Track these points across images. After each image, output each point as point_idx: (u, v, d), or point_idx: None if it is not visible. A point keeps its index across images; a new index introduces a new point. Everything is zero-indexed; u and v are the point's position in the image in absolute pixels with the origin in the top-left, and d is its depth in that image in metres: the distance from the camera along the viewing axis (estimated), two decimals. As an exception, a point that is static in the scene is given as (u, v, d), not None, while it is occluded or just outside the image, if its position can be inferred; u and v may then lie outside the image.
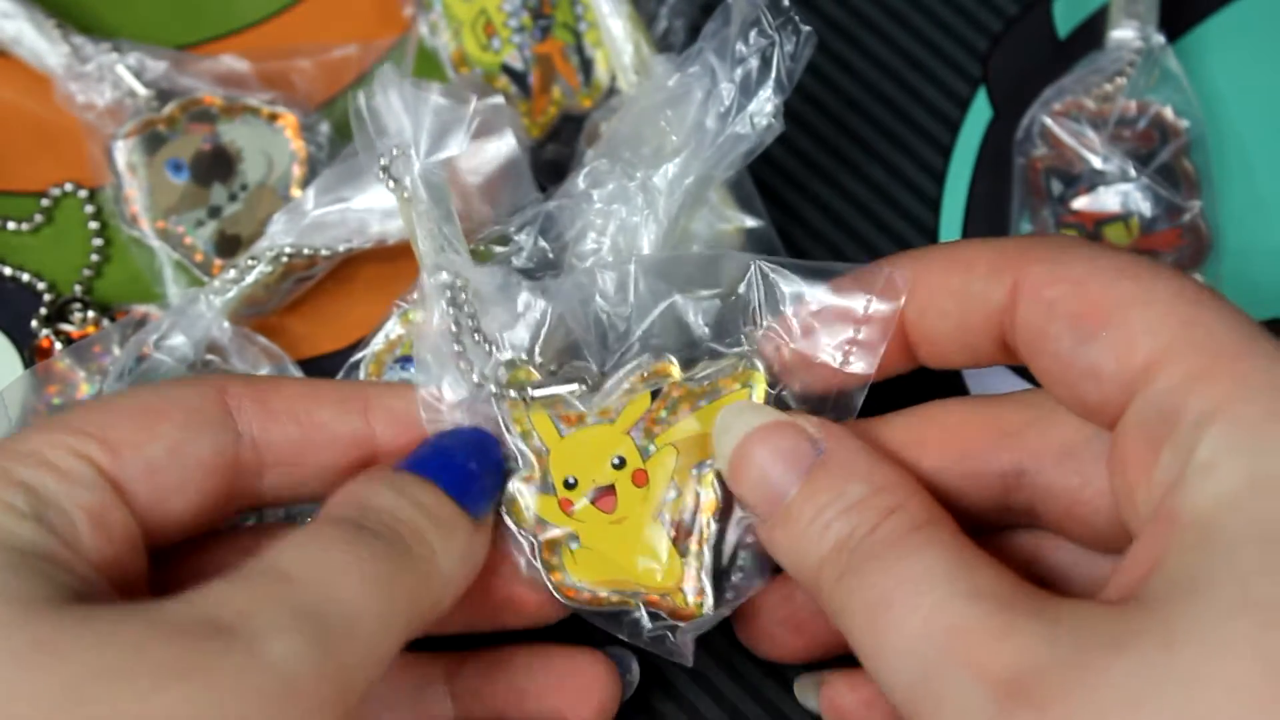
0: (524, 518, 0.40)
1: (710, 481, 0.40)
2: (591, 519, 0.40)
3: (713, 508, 0.40)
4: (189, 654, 0.29)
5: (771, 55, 0.41)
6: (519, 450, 0.40)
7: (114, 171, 0.48)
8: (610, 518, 0.40)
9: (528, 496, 0.40)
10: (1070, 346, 0.34)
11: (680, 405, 0.40)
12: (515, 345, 0.40)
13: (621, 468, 0.40)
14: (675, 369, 0.40)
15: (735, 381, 0.40)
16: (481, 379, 0.40)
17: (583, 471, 0.40)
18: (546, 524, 0.40)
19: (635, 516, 0.40)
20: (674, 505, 0.40)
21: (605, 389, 0.40)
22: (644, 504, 0.40)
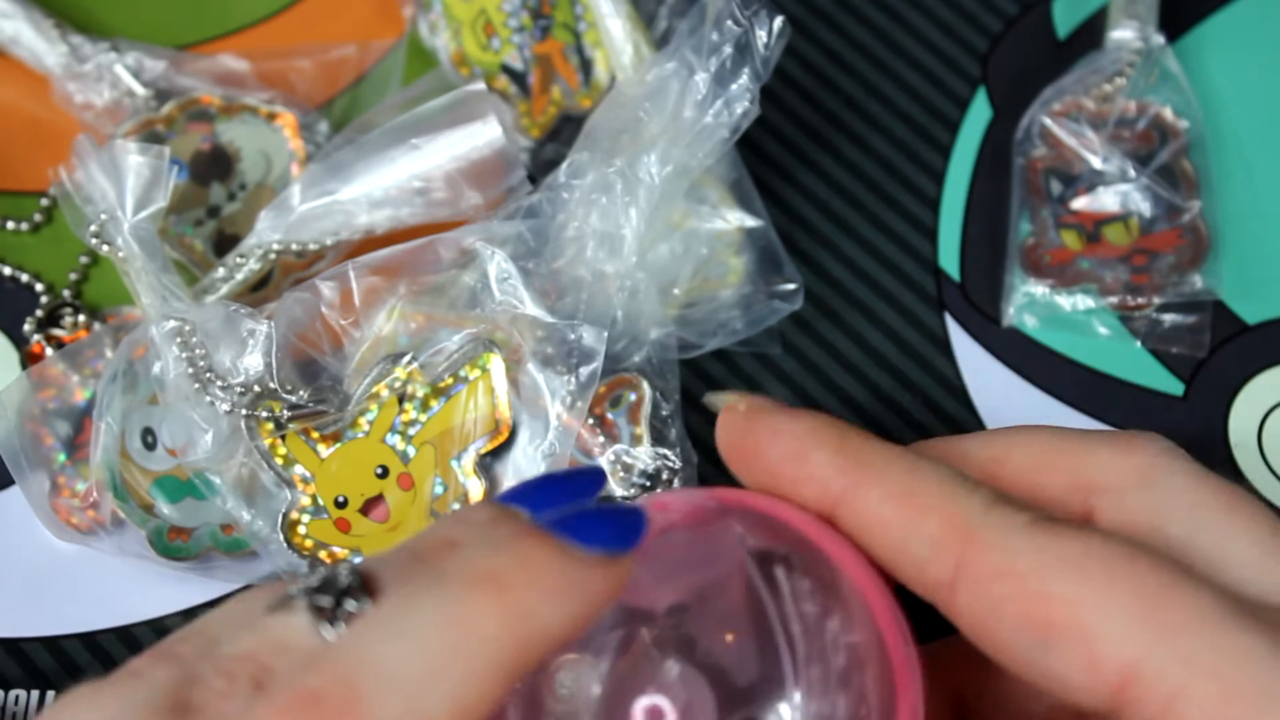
0: (306, 545, 0.41)
1: (473, 469, 0.41)
2: (369, 531, 0.42)
3: (483, 494, 0.41)
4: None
5: (745, 43, 0.41)
6: (284, 479, 0.42)
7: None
8: (385, 526, 0.42)
9: (305, 524, 0.42)
10: (1026, 652, 0.31)
11: (429, 401, 0.42)
12: (252, 373, 0.42)
13: (386, 476, 0.42)
14: (415, 369, 0.42)
15: (475, 368, 0.42)
16: (232, 405, 0.41)
17: (350, 488, 0.42)
18: (328, 546, 0.41)
19: (409, 520, 0.42)
20: (443, 500, 0.41)
21: (352, 402, 0.42)
22: (415, 506, 0.41)
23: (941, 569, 0.32)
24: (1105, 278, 0.47)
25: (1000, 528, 0.32)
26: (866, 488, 0.33)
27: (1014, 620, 0.31)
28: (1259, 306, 0.48)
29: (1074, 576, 0.31)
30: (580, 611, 0.29)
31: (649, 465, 0.43)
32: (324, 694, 0.27)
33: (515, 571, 0.28)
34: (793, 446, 0.34)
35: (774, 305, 0.46)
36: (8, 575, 0.44)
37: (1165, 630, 0.30)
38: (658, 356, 0.44)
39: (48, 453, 0.43)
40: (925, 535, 0.32)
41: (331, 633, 0.28)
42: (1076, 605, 0.30)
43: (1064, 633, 0.30)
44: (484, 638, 0.28)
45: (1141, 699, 0.30)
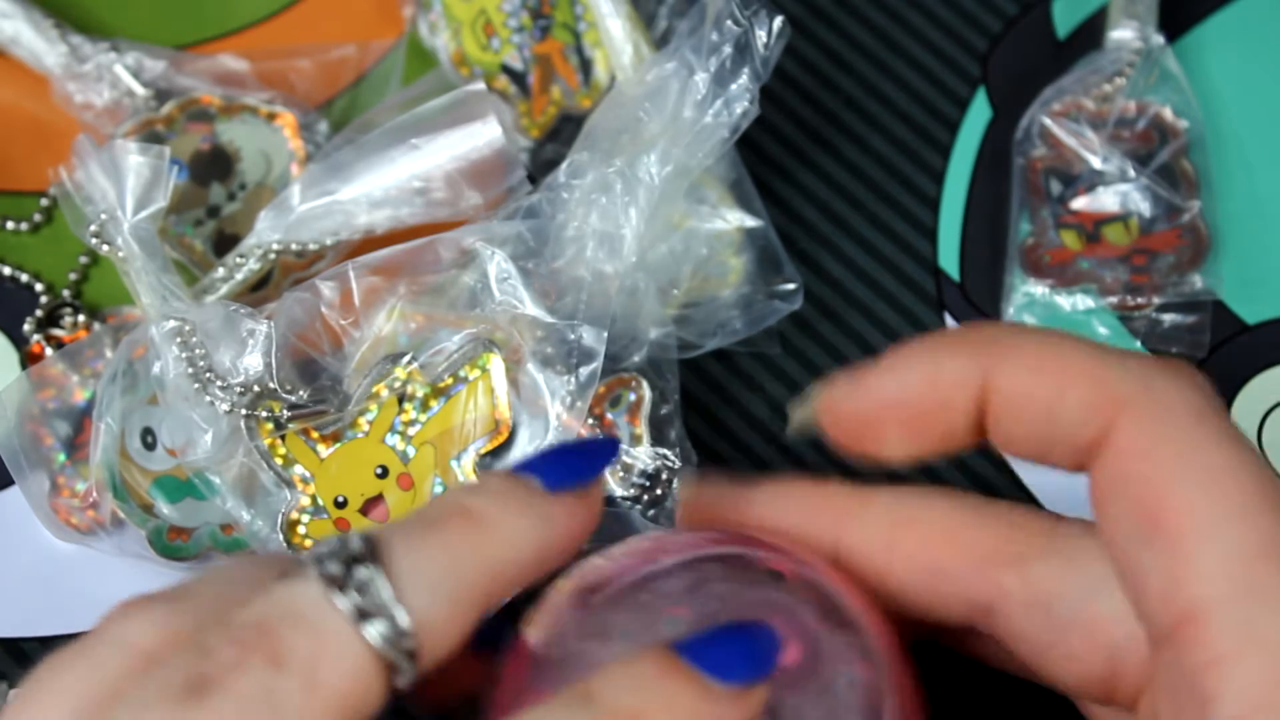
0: (306, 545, 0.41)
1: (473, 469, 0.41)
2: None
3: None
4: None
5: (745, 43, 0.41)
6: (284, 479, 0.42)
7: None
8: None
9: (304, 524, 0.42)
10: (1125, 537, 0.31)
11: (429, 402, 0.41)
12: (252, 373, 0.42)
13: (385, 476, 0.42)
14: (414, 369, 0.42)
15: (474, 368, 0.42)
16: (231, 405, 0.41)
17: (349, 488, 0.42)
18: None
19: None
20: None
21: (352, 402, 0.42)
22: (414, 506, 0.41)
23: (1089, 434, 0.31)
24: (1105, 278, 0.47)
25: (1161, 402, 0.31)
26: (1007, 366, 0.32)
27: (1132, 503, 0.31)
28: (1259, 306, 0.48)
29: (1205, 491, 0.30)
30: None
31: (649, 465, 0.43)
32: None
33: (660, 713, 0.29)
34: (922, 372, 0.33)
35: (774, 305, 0.46)
36: (8, 575, 0.44)
37: (1251, 591, 0.29)
38: (657, 356, 0.44)
39: (47, 453, 0.43)
40: (1074, 402, 0.31)
41: (344, 600, 0.28)
42: (1192, 522, 0.30)
43: (1167, 540, 0.30)
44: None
45: (1195, 642, 0.29)
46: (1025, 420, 0.32)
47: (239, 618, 0.29)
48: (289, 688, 0.28)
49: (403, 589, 0.29)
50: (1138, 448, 0.31)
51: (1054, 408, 0.32)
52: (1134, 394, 0.31)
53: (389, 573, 0.29)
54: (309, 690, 0.28)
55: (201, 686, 0.27)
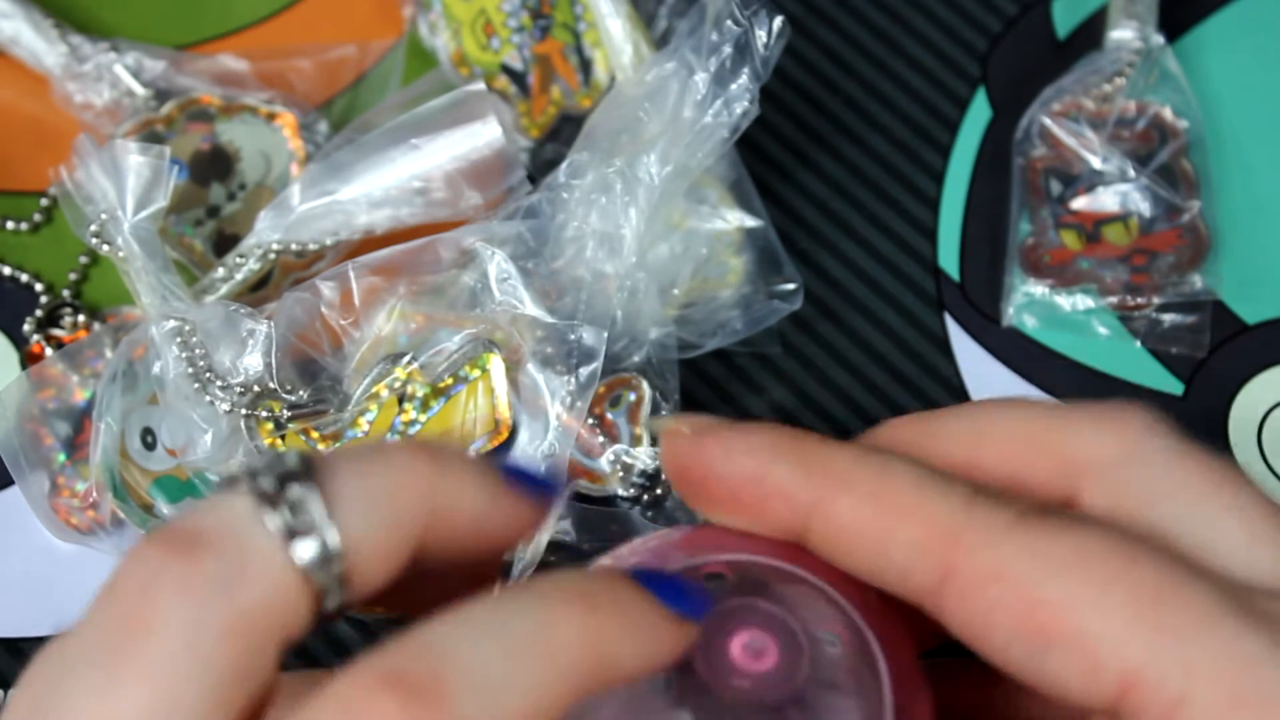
0: None
1: None
2: None
3: None
4: None
5: (745, 43, 0.41)
6: None
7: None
8: None
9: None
10: (1022, 658, 0.30)
11: (429, 402, 0.41)
12: (252, 373, 0.42)
13: None
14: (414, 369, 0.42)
15: (474, 368, 0.42)
16: (232, 405, 0.41)
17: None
18: None
19: None
20: None
21: (352, 402, 0.42)
22: None
23: (927, 575, 0.31)
24: (1105, 278, 0.47)
25: (985, 527, 0.30)
26: (836, 497, 0.32)
27: (1008, 627, 0.30)
28: (1258, 306, 0.48)
29: (1069, 578, 0.30)
30: (649, 657, 0.29)
31: (649, 465, 0.43)
32: (408, 677, 0.26)
33: (606, 599, 0.29)
34: (749, 465, 0.32)
35: (774, 305, 0.46)
36: (8, 575, 0.44)
37: (1166, 634, 0.29)
38: (657, 356, 0.44)
39: (47, 453, 0.43)
40: (905, 541, 0.31)
41: (274, 518, 0.28)
42: (1073, 610, 0.29)
43: (1061, 639, 0.30)
44: (569, 649, 0.28)
45: (1144, 705, 0.29)
46: (855, 554, 0.32)
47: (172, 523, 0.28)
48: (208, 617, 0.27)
49: (337, 510, 0.28)
50: (987, 575, 0.30)
51: (883, 546, 0.31)
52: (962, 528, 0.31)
53: (325, 493, 0.28)
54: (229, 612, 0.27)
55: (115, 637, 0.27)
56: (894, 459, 0.32)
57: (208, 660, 0.27)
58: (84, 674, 0.27)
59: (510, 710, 0.27)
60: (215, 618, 0.27)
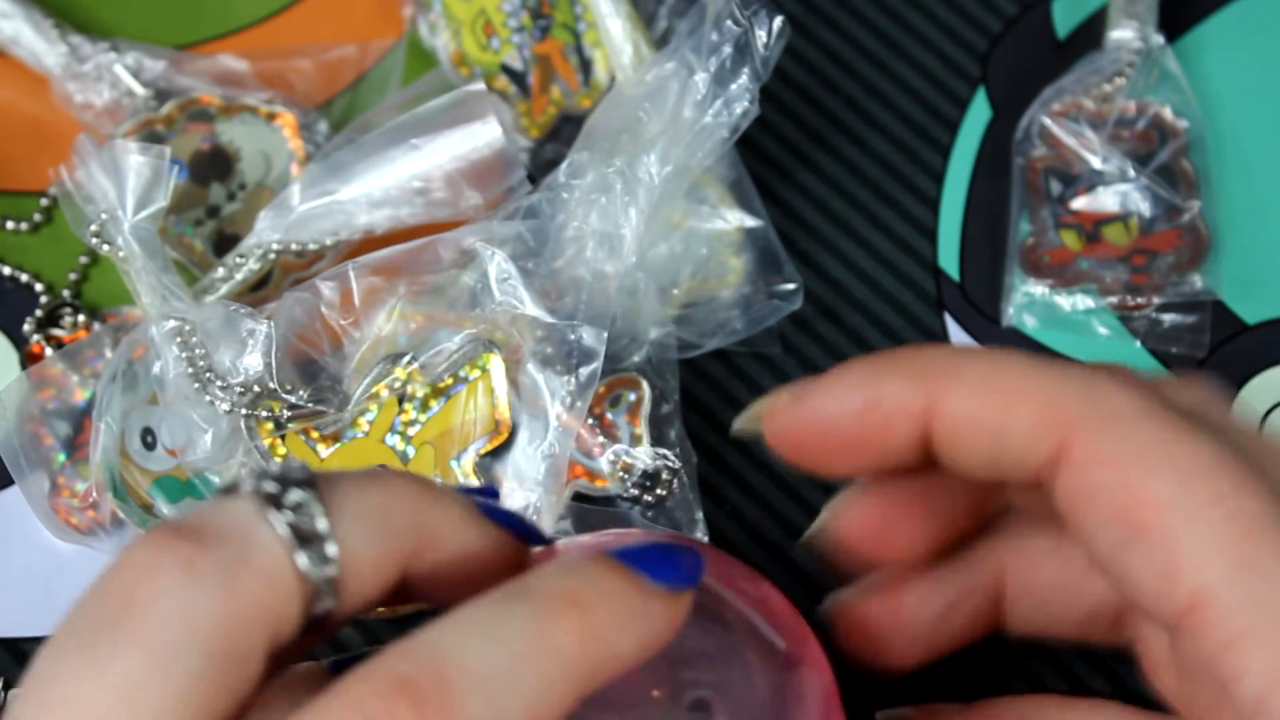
0: None
1: (472, 469, 0.41)
2: None
3: None
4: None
5: (745, 43, 0.41)
6: None
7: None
8: None
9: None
10: (1108, 545, 0.31)
11: (429, 402, 0.41)
12: (252, 373, 0.42)
13: None
14: (414, 369, 0.42)
15: (474, 368, 0.42)
16: (232, 405, 0.41)
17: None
18: None
19: None
20: None
21: (352, 402, 0.41)
22: None
23: (1044, 451, 0.31)
24: (1105, 278, 0.47)
25: (1107, 410, 0.31)
26: (950, 391, 0.32)
27: (1107, 509, 0.30)
28: (1258, 307, 0.48)
29: (1176, 482, 0.30)
30: (646, 641, 0.30)
31: (649, 465, 0.43)
32: (416, 681, 0.27)
33: (594, 595, 0.29)
34: (859, 396, 0.33)
35: (774, 305, 0.46)
36: (8, 575, 0.44)
37: (1249, 568, 0.29)
38: (657, 356, 0.44)
39: (47, 453, 0.43)
40: (1023, 422, 0.31)
41: (276, 518, 0.28)
42: (1171, 513, 0.30)
43: (1152, 537, 0.30)
44: (564, 653, 0.28)
45: (1205, 628, 0.29)
46: (974, 444, 0.32)
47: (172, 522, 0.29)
48: (204, 598, 0.27)
49: (335, 517, 0.29)
50: (1098, 457, 0.31)
51: (1002, 430, 0.32)
52: (1081, 406, 0.31)
53: (325, 502, 0.29)
54: (226, 598, 0.28)
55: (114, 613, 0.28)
56: (1005, 350, 0.33)
57: (200, 640, 0.27)
58: (80, 642, 0.27)
59: (516, 713, 0.28)
60: (212, 602, 0.27)
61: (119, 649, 0.27)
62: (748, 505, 0.45)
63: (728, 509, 0.45)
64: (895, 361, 0.33)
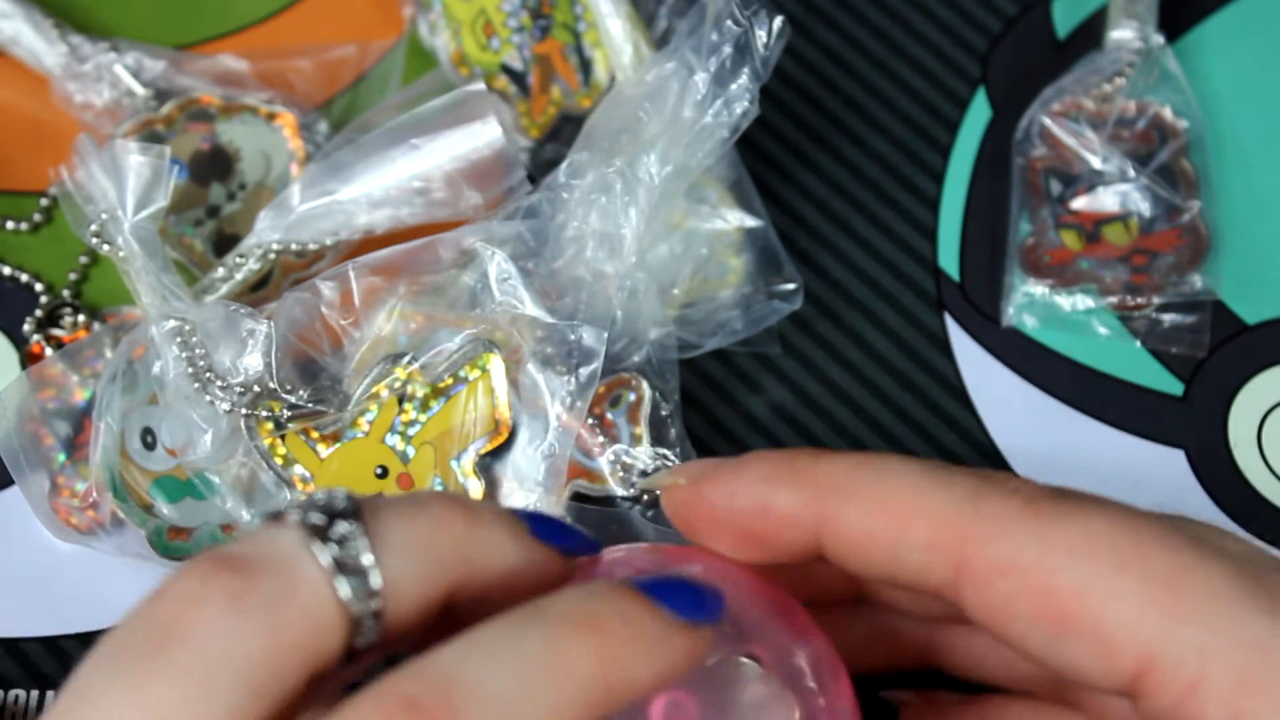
0: None
1: (472, 469, 0.41)
2: None
3: (482, 494, 0.41)
4: None
5: (745, 43, 0.41)
6: (284, 479, 0.42)
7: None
8: None
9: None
10: (1041, 645, 0.31)
11: (429, 402, 0.41)
12: (252, 373, 0.42)
13: (385, 476, 0.42)
14: (414, 369, 0.42)
15: (474, 368, 0.42)
16: (232, 405, 0.41)
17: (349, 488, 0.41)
18: None
19: None
20: None
21: (352, 402, 0.41)
22: None
23: (943, 573, 0.31)
24: (1105, 278, 0.47)
25: (993, 519, 0.31)
26: (840, 510, 0.32)
27: (1025, 616, 0.30)
28: (1258, 306, 0.48)
29: (1080, 566, 0.30)
30: (663, 671, 0.30)
31: (649, 465, 0.43)
32: (422, 701, 0.27)
33: (614, 621, 0.29)
34: (751, 500, 0.33)
35: (774, 305, 0.46)
36: (8, 575, 0.44)
37: (1179, 617, 0.29)
38: (657, 356, 0.44)
39: (47, 453, 0.43)
40: (916, 542, 0.31)
41: (322, 550, 0.28)
42: (1087, 597, 0.30)
43: (1077, 625, 0.30)
44: (579, 675, 0.28)
45: (1159, 688, 0.30)
46: (869, 560, 0.32)
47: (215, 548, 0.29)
48: (249, 631, 0.28)
49: (380, 550, 0.29)
50: (998, 568, 0.31)
51: (897, 550, 0.32)
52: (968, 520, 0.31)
53: (369, 532, 0.29)
54: (269, 631, 0.28)
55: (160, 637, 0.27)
56: (891, 460, 0.33)
57: (242, 672, 0.27)
58: (123, 665, 0.27)
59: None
60: (256, 633, 0.27)
61: (161, 676, 0.27)
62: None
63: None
64: (790, 471, 0.33)
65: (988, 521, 0.31)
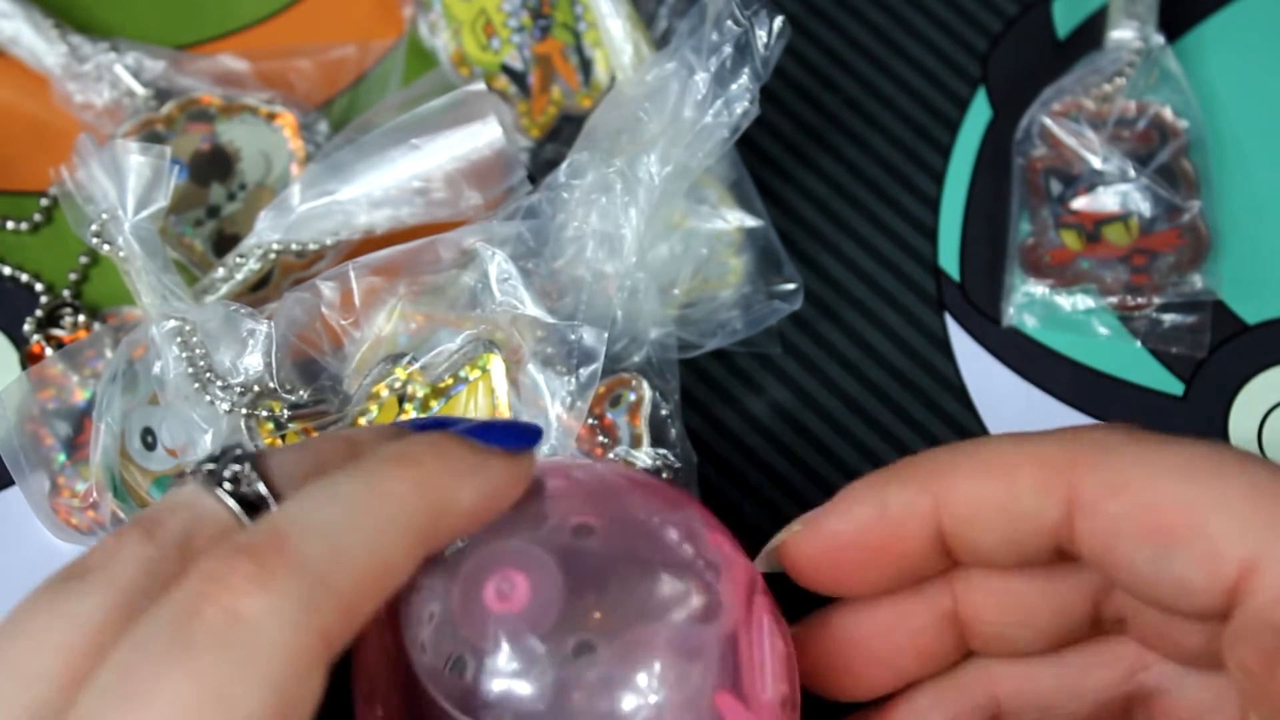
0: None
1: None
2: None
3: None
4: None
5: (745, 43, 0.41)
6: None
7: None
8: None
9: None
10: (1148, 563, 0.32)
11: (430, 402, 0.42)
12: (252, 373, 0.42)
13: None
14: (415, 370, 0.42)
15: (475, 368, 0.42)
16: (232, 405, 0.42)
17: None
18: None
19: None
20: None
21: (352, 402, 0.41)
22: None
23: (1055, 512, 0.32)
24: (1105, 278, 0.47)
25: (1098, 446, 0.32)
26: (951, 486, 0.33)
27: (1133, 534, 0.31)
28: (1259, 306, 0.48)
29: (1186, 481, 0.31)
30: (486, 492, 0.32)
31: (649, 465, 0.43)
32: (254, 544, 0.29)
33: (427, 453, 0.31)
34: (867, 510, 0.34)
35: (774, 305, 0.46)
36: (8, 575, 0.43)
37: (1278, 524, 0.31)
38: (657, 356, 0.44)
39: (47, 453, 0.43)
40: (1027, 486, 0.33)
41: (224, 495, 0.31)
42: (1193, 508, 0.31)
43: (1183, 535, 0.31)
44: (399, 499, 0.30)
45: (1259, 587, 0.30)
46: (987, 526, 0.33)
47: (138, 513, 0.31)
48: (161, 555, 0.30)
49: (273, 480, 0.31)
50: (1107, 490, 0.32)
51: (1010, 503, 0.33)
52: (1075, 452, 0.33)
53: (261, 468, 0.31)
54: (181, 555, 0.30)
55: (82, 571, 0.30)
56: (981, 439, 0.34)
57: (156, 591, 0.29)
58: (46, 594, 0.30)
59: (356, 556, 0.29)
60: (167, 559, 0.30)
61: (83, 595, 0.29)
62: (748, 505, 0.45)
63: (728, 509, 0.45)
64: (894, 471, 0.34)
65: (1093, 448, 0.32)
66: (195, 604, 0.28)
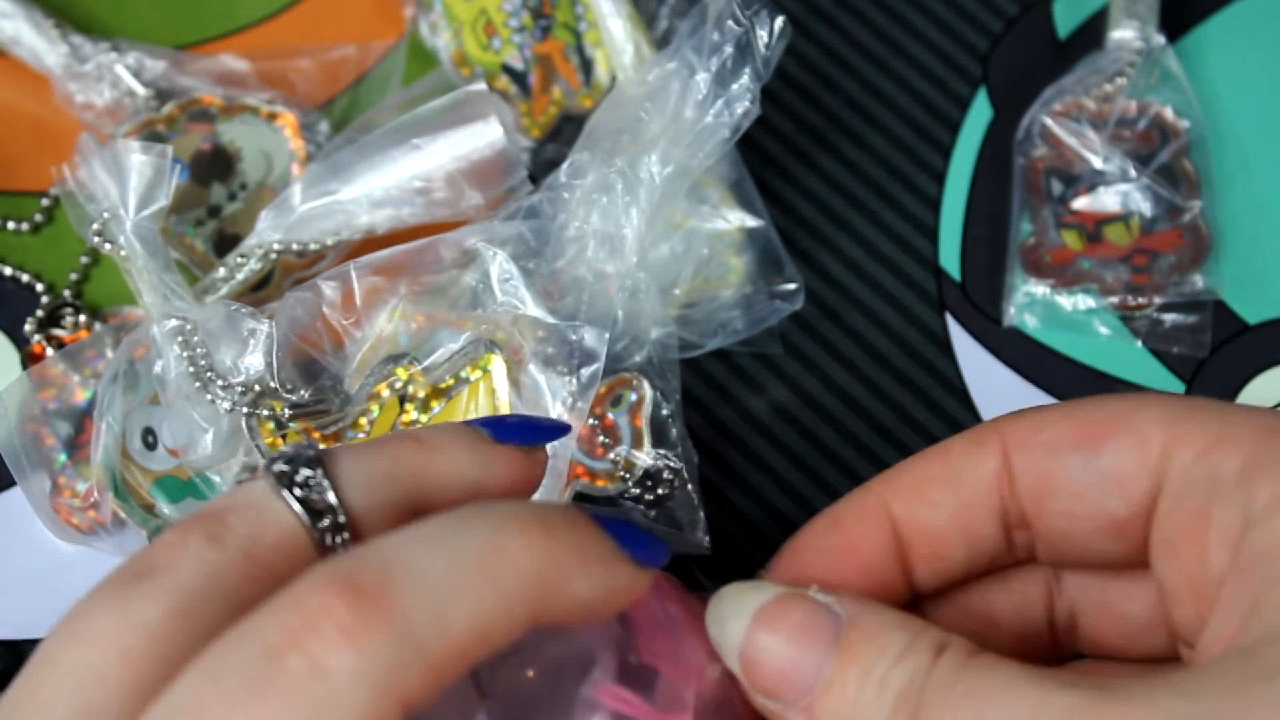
0: None
1: None
2: None
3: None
4: None
5: (746, 43, 0.41)
6: None
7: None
8: None
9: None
10: (1080, 471, 0.34)
11: (431, 402, 0.42)
12: (253, 372, 0.42)
13: None
14: (416, 370, 0.42)
15: (476, 369, 0.42)
16: (233, 405, 0.42)
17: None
18: None
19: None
20: None
21: (353, 402, 0.41)
22: None
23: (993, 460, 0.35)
24: (1106, 277, 0.47)
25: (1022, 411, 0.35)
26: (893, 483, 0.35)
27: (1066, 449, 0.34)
28: (1259, 306, 0.48)
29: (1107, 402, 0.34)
30: (603, 595, 0.30)
31: (650, 465, 0.43)
32: (356, 584, 0.28)
33: (562, 527, 0.30)
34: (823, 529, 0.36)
35: (774, 305, 0.46)
36: (8, 575, 0.44)
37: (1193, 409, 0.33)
38: (658, 356, 0.44)
39: (48, 453, 0.43)
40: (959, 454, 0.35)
41: (289, 493, 0.30)
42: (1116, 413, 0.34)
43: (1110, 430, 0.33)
44: (520, 571, 0.29)
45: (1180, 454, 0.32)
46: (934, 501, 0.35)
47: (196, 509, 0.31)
48: (227, 560, 0.29)
49: (342, 486, 0.31)
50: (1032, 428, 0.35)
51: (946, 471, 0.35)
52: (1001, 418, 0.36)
53: (331, 474, 0.31)
54: (247, 562, 0.29)
55: (146, 571, 0.29)
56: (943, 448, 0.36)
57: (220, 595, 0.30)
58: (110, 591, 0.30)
59: (457, 623, 0.28)
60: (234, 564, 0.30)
61: (147, 596, 0.29)
62: (748, 505, 0.45)
63: (728, 509, 0.45)
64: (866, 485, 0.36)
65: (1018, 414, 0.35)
66: (282, 646, 0.27)
